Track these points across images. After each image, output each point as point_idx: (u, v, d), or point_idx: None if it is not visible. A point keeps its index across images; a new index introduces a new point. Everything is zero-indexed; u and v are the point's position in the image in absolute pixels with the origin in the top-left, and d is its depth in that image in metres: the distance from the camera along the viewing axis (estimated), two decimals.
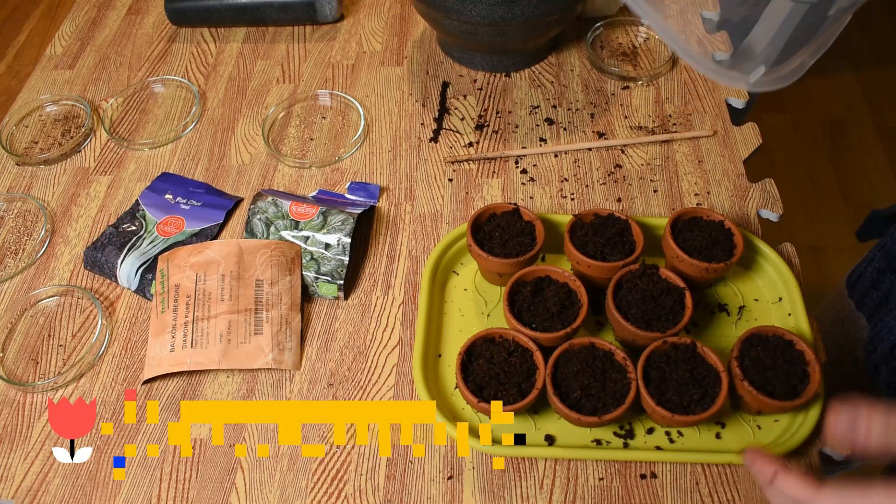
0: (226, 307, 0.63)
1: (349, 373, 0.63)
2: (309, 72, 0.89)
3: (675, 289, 0.59)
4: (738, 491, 0.55)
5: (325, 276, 0.66)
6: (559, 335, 0.57)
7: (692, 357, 0.56)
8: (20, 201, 0.77)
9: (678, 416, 0.53)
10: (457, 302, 0.66)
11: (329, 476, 0.57)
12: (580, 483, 0.56)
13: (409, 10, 0.96)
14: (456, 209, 0.74)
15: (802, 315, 0.62)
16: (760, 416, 0.58)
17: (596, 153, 0.78)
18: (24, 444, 0.60)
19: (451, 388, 0.61)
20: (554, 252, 0.68)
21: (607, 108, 0.82)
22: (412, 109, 0.84)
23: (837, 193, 1.77)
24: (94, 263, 0.70)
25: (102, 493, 0.57)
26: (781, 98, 1.99)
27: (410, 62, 0.89)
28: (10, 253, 0.73)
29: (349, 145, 0.80)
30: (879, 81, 2.03)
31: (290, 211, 0.68)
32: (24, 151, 0.82)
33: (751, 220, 0.71)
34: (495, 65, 0.86)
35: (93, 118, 0.84)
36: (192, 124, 0.83)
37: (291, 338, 0.64)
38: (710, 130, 0.79)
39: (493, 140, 0.80)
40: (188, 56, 0.92)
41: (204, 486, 0.57)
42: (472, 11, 0.75)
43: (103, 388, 0.63)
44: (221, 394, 0.62)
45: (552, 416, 0.59)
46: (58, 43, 0.95)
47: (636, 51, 0.89)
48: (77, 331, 0.67)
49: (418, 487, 0.56)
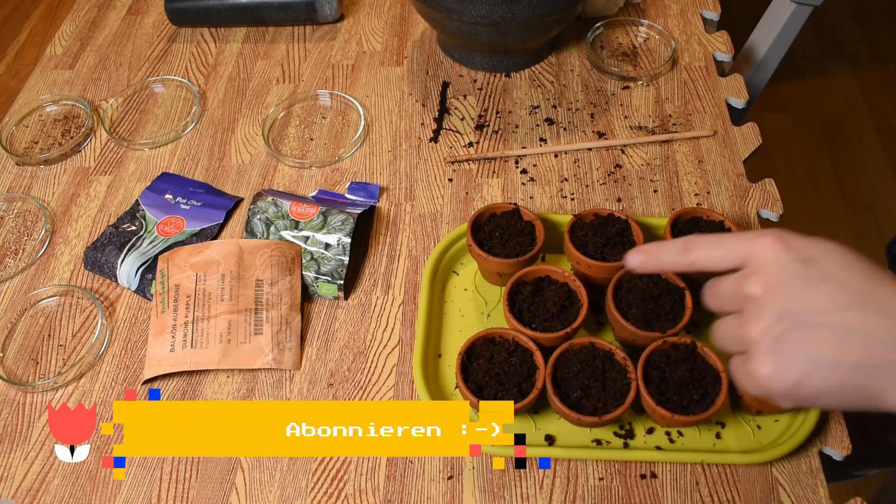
0: (226, 307, 0.63)
1: (349, 373, 0.63)
2: (309, 72, 0.89)
3: (675, 289, 0.59)
4: (738, 491, 0.55)
5: (325, 276, 0.66)
6: (559, 335, 0.57)
7: (692, 357, 0.56)
8: (20, 201, 0.77)
9: (678, 416, 0.53)
10: (457, 302, 0.66)
11: (329, 476, 0.57)
12: (580, 483, 0.56)
13: (409, 10, 0.96)
14: (456, 209, 0.74)
15: None
16: (760, 416, 0.58)
17: (596, 153, 0.78)
18: (24, 444, 0.60)
19: (451, 388, 0.61)
20: (554, 252, 0.68)
21: (607, 108, 0.82)
22: (412, 109, 0.84)
23: (837, 193, 1.77)
24: (94, 263, 0.70)
25: (102, 493, 0.57)
26: (781, 98, 1.99)
27: (410, 62, 0.89)
28: (10, 253, 0.73)
29: (349, 145, 0.80)
30: (879, 81, 2.03)
31: (290, 211, 0.69)
32: (24, 151, 0.82)
33: (751, 220, 0.71)
34: (495, 65, 0.86)
35: (93, 118, 0.84)
36: (192, 124, 0.83)
37: (291, 338, 0.64)
38: (710, 130, 0.79)
39: (493, 140, 0.80)
40: (188, 56, 0.92)
41: (204, 486, 0.57)
42: (472, 11, 0.75)
43: (103, 388, 0.63)
44: (221, 394, 0.62)
45: (552, 416, 0.59)
46: (58, 43, 0.95)
47: (636, 51, 0.89)
48: (77, 331, 0.67)
49: (418, 487, 0.56)
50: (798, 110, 1.97)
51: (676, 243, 0.47)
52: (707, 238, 0.45)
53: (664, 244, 0.48)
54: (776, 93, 1.99)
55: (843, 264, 0.41)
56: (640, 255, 0.49)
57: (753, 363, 0.41)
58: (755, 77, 1.14)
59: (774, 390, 0.41)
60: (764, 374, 0.40)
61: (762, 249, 0.42)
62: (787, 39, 1.09)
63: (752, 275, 0.42)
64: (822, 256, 0.41)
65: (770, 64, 1.12)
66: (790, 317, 0.40)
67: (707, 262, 0.45)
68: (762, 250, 0.42)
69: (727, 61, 0.90)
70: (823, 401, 0.40)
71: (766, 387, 0.41)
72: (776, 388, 0.40)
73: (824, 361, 0.39)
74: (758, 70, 1.13)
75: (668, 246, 0.47)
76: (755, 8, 1.18)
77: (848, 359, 0.39)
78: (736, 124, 0.80)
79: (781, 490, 0.55)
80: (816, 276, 0.40)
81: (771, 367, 0.40)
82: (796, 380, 0.40)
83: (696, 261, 0.45)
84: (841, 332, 0.39)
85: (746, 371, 0.42)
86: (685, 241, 0.46)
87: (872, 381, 0.39)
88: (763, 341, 0.40)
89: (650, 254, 0.48)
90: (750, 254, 0.42)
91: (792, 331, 0.40)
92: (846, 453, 0.57)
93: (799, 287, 0.40)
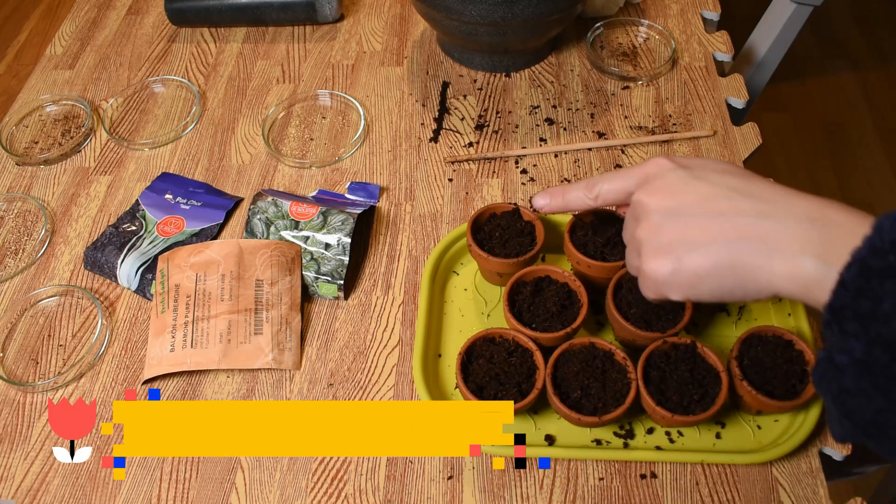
0: (226, 307, 0.63)
1: (349, 373, 0.63)
2: (309, 72, 0.89)
3: None
4: (738, 491, 0.55)
5: (325, 276, 0.66)
6: (559, 335, 0.57)
7: (692, 357, 0.56)
8: (20, 201, 0.77)
9: (678, 416, 0.53)
10: (457, 302, 0.66)
11: (329, 476, 0.57)
12: (580, 483, 0.56)
13: (409, 10, 0.96)
14: (456, 209, 0.74)
15: (802, 315, 0.62)
16: (760, 416, 0.58)
17: (596, 153, 0.78)
18: (24, 444, 0.60)
19: (451, 388, 0.61)
20: (554, 252, 0.68)
21: (607, 108, 0.82)
22: (412, 109, 0.84)
23: (837, 193, 1.77)
24: (94, 263, 0.70)
25: (102, 493, 0.57)
26: (781, 98, 1.99)
27: (410, 62, 0.89)
28: (10, 253, 0.73)
29: (349, 145, 0.80)
30: (879, 81, 2.03)
31: (290, 211, 0.69)
32: (24, 151, 0.82)
33: None
34: (495, 65, 0.86)
35: (93, 118, 0.84)
36: (192, 124, 0.83)
37: (291, 338, 0.64)
38: (710, 130, 0.79)
39: (493, 140, 0.80)
40: (188, 56, 0.92)
41: (204, 486, 0.57)
42: (472, 11, 0.75)
43: (103, 388, 0.63)
44: (221, 394, 0.62)
45: (552, 416, 0.59)
46: (58, 43, 0.95)
47: (636, 51, 0.89)
48: (77, 331, 0.67)
49: (418, 487, 0.56)
50: (798, 110, 1.97)
51: (580, 182, 0.52)
52: (607, 173, 0.51)
53: (569, 185, 0.53)
54: (776, 93, 1.99)
55: (718, 169, 0.45)
56: (547, 196, 0.54)
57: (641, 259, 0.46)
58: (755, 77, 1.14)
59: (658, 279, 0.44)
60: (649, 268, 0.45)
61: (653, 167, 0.47)
62: (787, 39, 1.09)
63: (642, 185, 0.47)
64: (701, 165, 0.46)
65: (770, 64, 1.12)
66: (669, 212, 0.44)
67: (609, 192, 0.50)
68: (652, 167, 0.47)
69: (727, 61, 0.90)
70: (704, 286, 0.43)
71: (651, 277, 0.45)
72: (660, 276, 0.44)
73: (697, 243, 0.42)
74: (758, 70, 1.13)
75: (574, 185, 0.53)
76: (755, 8, 1.18)
77: (719, 239, 0.42)
78: (736, 124, 0.80)
79: (781, 490, 0.55)
80: (693, 178, 0.45)
81: (652, 258, 0.45)
82: (673, 265, 0.43)
83: (600, 193, 0.51)
84: (712, 217, 0.43)
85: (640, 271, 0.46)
86: (588, 179, 0.52)
87: (744, 258, 0.41)
88: (647, 238, 0.45)
89: (556, 194, 0.54)
90: (644, 174, 0.48)
91: (670, 223, 0.44)
92: (846, 453, 0.57)
93: (678, 187, 0.45)
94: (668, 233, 0.44)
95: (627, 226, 0.49)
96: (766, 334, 0.57)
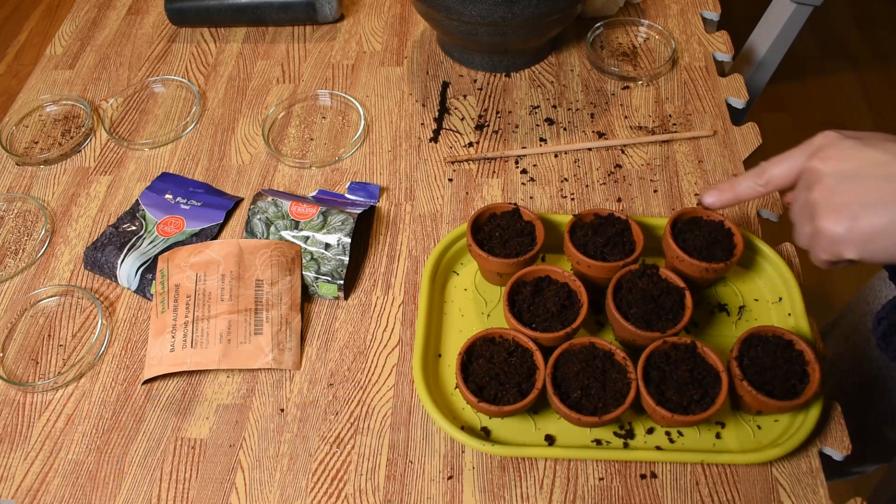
0: (226, 307, 0.63)
1: (349, 373, 0.63)
2: (309, 72, 0.89)
3: (675, 289, 0.59)
4: (738, 491, 0.55)
5: (325, 276, 0.66)
6: (559, 335, 0.57)
7: (692, 357, 0.56)
8: (20, 201, 0.77)
9: (678, 416, 0.53)
10: (457, 302, 0.66)
11: (329, 476, 0.57)
12: (580, 483, 0.56)
13: (409, 10, 0.96)
14: (456, 209, 0.74)
15: (802, 315, 0.62)
16: (760, 416, 0.58)
17: (596, 153, 0.78)
18: (24, 444, 0.60)
19: (451, 388, 0.61)
20: (554, 252, 0.68)
21: (607, 108, 0.82)
22: (412, 109, 0.84)
23: None
24: (94, 263, 0.70)
25: (102, 493, 0.57)
26: (781, 98, 1.99)
27: (410, 62, 0.89)
28: (10, 253, 0.73)
29: (349, 145, 0.80)
30: (879, 81, 2.03)
31: (290, 211, 0.69)
32: (24, 151, 0.82)
33: (751, 220, 0.71)
34: (495, 65, 0.86)
35: (93, 118, 0.84)
36: (192, 124, 0.83)
37: (291, 338, 0.64)
38: (710, 130, 0.79)
39: (493, 140, 0.80)
40: (188, 56, 0.92)
41: (204, 486, 0.57)
42: (472, 11, 0.75)
43: (103, 388, 0.63)
44: (221, 394, 0.62)
45: (552, 416, 0.59)
46: (58, 43, 0.95)
47: (636, 51, 0.89)
48: (77, 331, 0.67)
49: (418, 487, 0.56)
50: (798, 110, 1.97)
51: (748, 173, 0.54)
52: (773, 158, 0.53)
53: (736, 178, 0.55)
54: (776, 93, 1.99)
55: (887, 138, 0.48)
56: (716, 193, 0.57)
57: (816, 220, 0.48)
58: (755, 77, 1.14)
59: (834, 237, 0.47)
60: (825, 226, 0.47)
61: (821, 139, 0.50)
62: (787, 39, 1.09)
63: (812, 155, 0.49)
64: (869, 135, 0.48)
65: (770, 64, 1.12)
66: (844, 175, 0.47)
67: (779, 175, 0.52)
68: (821, 139, 0.50)
69: (727, 61, 0.90)
70: (879, 243, 0.46)
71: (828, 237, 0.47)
72: (835, 234, 0.47)
73: (873, 202, 0.45)
74: (758, 70, 1.13)
75: (742, 176, 0.55)
76: (755, 8, 1.18)
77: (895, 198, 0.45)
78: (736, 124, 0.80)
79: (781, 490, 0.55)
80: (864, 146, 0.47)
81: (828, 216, 0.47)
82: (850, 222, 0.46)
83: (770, 178, 0.53)
84: (887, 179, 0.45)
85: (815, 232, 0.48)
86: (754, 169, 0.53)
87: None
88: (822, 199, 0.47)
89: (725, 189, 0.56)
90: (813, 147, 0.50)
91: (845, 184, 0.47)
92: (846, 453, 0.57)
93: (850, 154, 0.47)
94: (843, 193, 0.46)
95: (798, 197, 0.51)
96: (766, 334, 0.57)
